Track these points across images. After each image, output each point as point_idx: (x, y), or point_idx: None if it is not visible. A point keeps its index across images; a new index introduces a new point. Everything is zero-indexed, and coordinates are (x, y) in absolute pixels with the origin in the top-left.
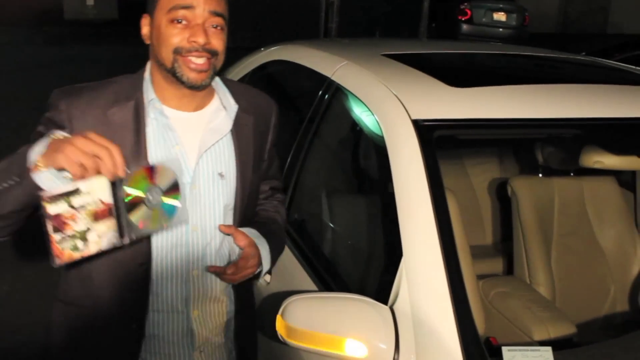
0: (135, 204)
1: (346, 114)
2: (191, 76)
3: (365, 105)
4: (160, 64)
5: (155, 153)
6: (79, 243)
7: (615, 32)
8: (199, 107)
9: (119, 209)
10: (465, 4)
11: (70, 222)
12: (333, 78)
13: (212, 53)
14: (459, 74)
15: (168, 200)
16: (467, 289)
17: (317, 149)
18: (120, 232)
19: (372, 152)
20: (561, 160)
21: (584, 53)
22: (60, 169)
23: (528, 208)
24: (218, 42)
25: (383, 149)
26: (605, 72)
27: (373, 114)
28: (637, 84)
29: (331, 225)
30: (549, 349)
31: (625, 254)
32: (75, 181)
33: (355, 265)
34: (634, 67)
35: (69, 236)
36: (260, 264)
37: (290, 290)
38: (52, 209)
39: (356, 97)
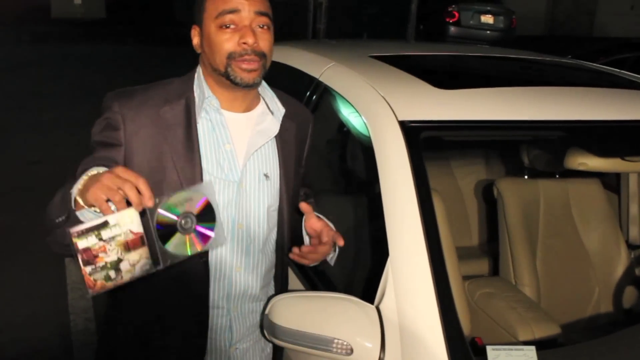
0: (168, 230)
1: (333, 114)
2: (244, 76)
3: (353, 106)
4: (214, 69)
5: (206, 150)
6: (112, 273)
7: (601, 35)
8: (248, 109)
9: (151, 237)
10: (453, 6)
11: (101, 254)
12: (321, 79)
13: (261, 55)
14: (445, 75)
15: (202, 226)
16: (452, 289)
17: None
18: (154, 260)
19: (359, 153)
20: (546, 162)
21: (569, 56)
22: (92, 206)
23: (514, 209)
24: (265, 43)
25: (370, 150)
26: (590, 75)
27: (360, 115)
28: (622, 87)
29: None
30: (532, 348)
31: (609, 255)
32: (104, 215)
33: (341, 265)
34: (618, 70)
35: (100, 267)
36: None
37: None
38: (81, 243)
39: (343, 98)
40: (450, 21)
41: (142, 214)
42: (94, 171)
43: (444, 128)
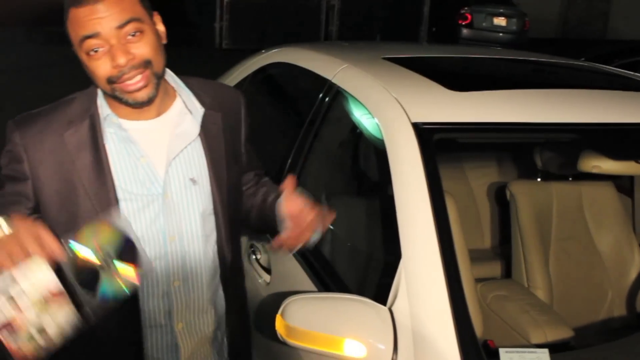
0: (90, 275)
1: (346, 116)
2: (135, 96)
3: (366, 108)
4: (104, 92)
5: (121, 168)
6: (36, 336)
7: (615, 38)
8: (161, 112)
9: (70, 287)
10: (466, 8)
11: (16, 317)
12: (334, 81)
13: (144, 65)
14: (459, 78)
15: (122, 268)
16: (465, 291)
17: (317, 151)
18: (84, 312)
19: (372, 155)
20: (560, 165)
21: (583, 59)
22: None
23: (526, 212)
24: (143, 50)
25: (383, 152)
26: (604, 77)
27: (373, 117)
28: (636, 89)
29: (331, 226)
30: (545, 351)
31: (622, 258)
32: (6, 271)
33: (354, 267)
34: (632, 72)
35: (18, 332)
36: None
37: (290, 290)
38: None
39: (356, 99)
40: (463, 23)
41: (58, 269)
42: None
43: (457, 130)
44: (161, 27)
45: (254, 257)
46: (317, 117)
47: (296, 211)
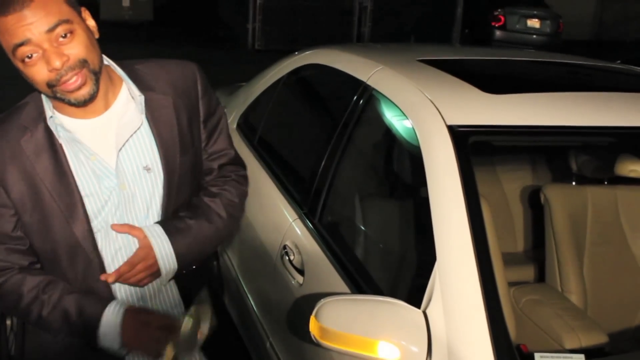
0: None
1: (381, 118)
2: (76, 96)
3: (401, 110)
4: (45, 95)
5: (80, 167)
6: None
7: None
8: (108, 105)
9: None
10: (499, 10)
11: None
12: (369, 83)
13: (80, 64)
14: (494, 80)
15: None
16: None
17: (351, 152)
18: None
19: (407, 157)
20: (595, 169)
21: (619, 61)
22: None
23: (561, 216)
24: (77, 50)
25: (418, 154)
26: None
27: (408, 119)
28: None
29: (364, 228)
30: (581, 356)
31: None
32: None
33: (387, 269)
34: None
35: None
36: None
37: (323, 292)
38: None
39: (391, 102)
40: (496, 25)
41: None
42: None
43: (492, 133)
44: (91, 22)
45: (287, 258)
46: (351, 119)
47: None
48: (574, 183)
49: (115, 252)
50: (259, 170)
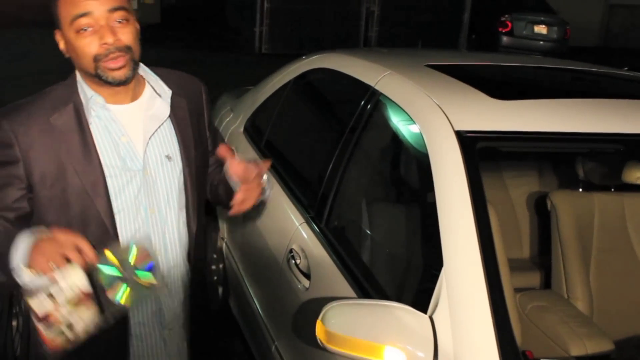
0: (112, 283)
1: (389, 123)
2: (115, 74)
3: (408, 115)
4: (85, 72)
5: (105, 148)
6: (66, 330)
7: None
8: (135, 97)
9: (98, 292)
10: (506, 16)
11: (53, 312)
12: (376, 87)
13: (126, 49)
14: (502, 86)
15: (142, 275)
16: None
17: (358, 157)
18: (105, 314)
19: (414, 162)
20: (602, 175)
21: (626, 68)
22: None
23: (567, 222)
24: (127, 36)
25: (425, 159)
26: None
27: (416, 124)
28: None
29: (371, 233)
30: None
31: None
32: (51, 275)
33: (394, 273)
34: None
35: (54, 325)
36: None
37: (330, 296)
38: (33, 303)
39: (399, 106)
40: (503, 31)
41: (89, 273)
42: (40, 235)
43: (500, 139)
44: (137, 25)
45: (293, 262)
46: (358, 123)
47: (241, 171)
48: (580, 189)
49: (134, 233)
50: (266, 173)
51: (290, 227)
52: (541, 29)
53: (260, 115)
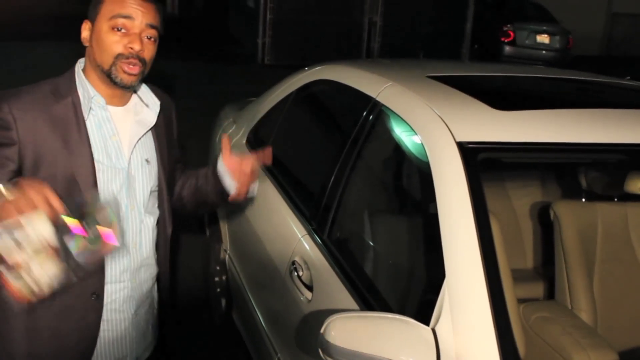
0: (76, 237)
1: (390, 134)
2: (124, 78)
3: (410, 126)
4: (97, 65)
5: (95, 143)
6: (29, 281)
7: None
8: (125, 103)
9: (63, 247)
10: (509, 25)
11: (17, 258)
12: (378, 99)
13: (143, 62)
14: (504, 96)
15: (104, 230)
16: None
17: (360, 168)
18: (69, 271)
19: (416, 173)
20: (605, 186)
21: (628, 77)
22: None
23: (571, 233)
24: (149, 52)
25: (427, 170)
26: None
27: (417, 136)
28: None
29: (373, 244)
30: None
31: None
32: (17, 220)
33: (396, 285)
34: None
35: (17, 272)
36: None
37: (332, 308)
38: None
39: (401, 118)
40: (506, 41)
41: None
42: None
43: (502, 150)
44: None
45: (295, 274)
46: (360, 134)
47: (236, 164)
48: (583, 200)
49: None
50: (268, 185)
51: (292, 239)
52: (543, 39)
53: (262, 126)
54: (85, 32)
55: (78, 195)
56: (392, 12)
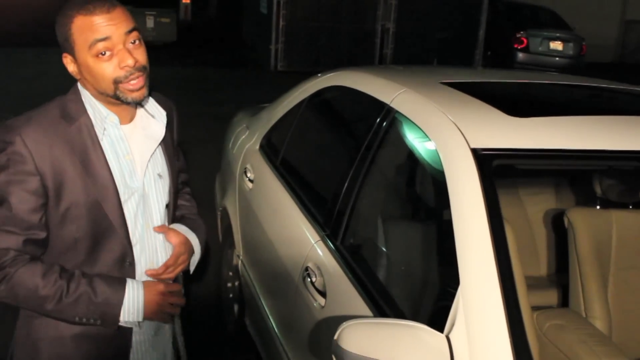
0: None
1: (404, 141)
2: (135, 95)
3: (424, 132)
4: (100, 93)
5: (112, 164)
6: None
7: None
8: (132, 118)
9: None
10: (522, 32)
11: None
12: (392, 105)
13: (143, 69)
14: (518, 103)
15: None
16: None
17: (374, 175)
18: None
19: (430, 180)
20: (620, 193)
21: None
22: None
23: (585, 240)
24: (142, 57)
25: (441, 177)
26: None
27: (432, 142)
28: None
29: (387, 251)
30: None
31: None
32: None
33: (410, 292)
34: None
35: None
36: (189, 258)
37: (345, 314)
38: None
39: (415, 124)
40: (519, 47)
41: None
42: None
43: (517, 156)
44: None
45: (309, 279)
46: (374, 141)
47: (179, 242)
48: (598, 207)
49: (132, 246)
50: (282, 191)
51: (306, 245)
52: (557, 45)
53: (276, 132)
54: (71, 67)
55: (107, 224)
56: (405, 18)
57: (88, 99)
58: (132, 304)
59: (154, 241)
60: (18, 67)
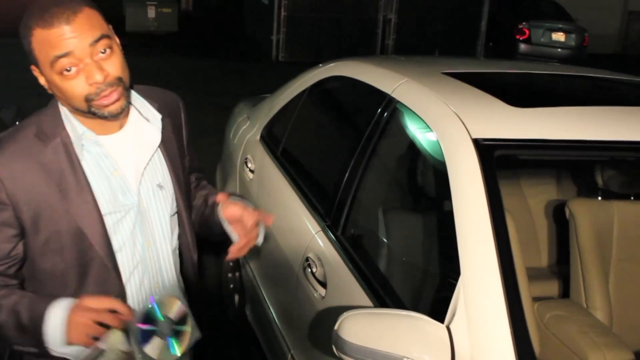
0: (149, 338)
1: (405, 131)
2: (110, 109)
3: (425, 122)
4: (75, 109)
5: (98, 185)
6: None
7: None
8: (122, 124)
9: (136, 349)
10: (524, 23)
11: None
12: (393, 95)
13: (117, 81)
14: (520, 93)
15: (179, 328)
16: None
17: (375, 165)
18: None
19: (431, 170)
20: (621, 184)
21: None
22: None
23: (586, 231)
24: (115, 67)
25: (442, 167)
26: None
27: (433, 132)
28: None
29: (387, 241)
30: None
31: None
32: (95, 347)
33: (411, 282)
34: None
35: None
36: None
37: (346, 305)
38: None
39: (416, 114)
40: (521, 38)
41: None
42: (58, 311)
43: (518, 147)
44: (116, 38)
45: (309, 270)
46: (375, 131)
47: (237, 216)
48: (599, 198)
49: (132, 270)
50: (282, 181)
51: (306, 235)
52: (559, 37)
53: (277, 123)
54: (41, 79)
55: (93, 254)
56: (407, 9)
57: (66, 114)
58: (54, 322)
59: (157, 260)
60: (14, 55)
